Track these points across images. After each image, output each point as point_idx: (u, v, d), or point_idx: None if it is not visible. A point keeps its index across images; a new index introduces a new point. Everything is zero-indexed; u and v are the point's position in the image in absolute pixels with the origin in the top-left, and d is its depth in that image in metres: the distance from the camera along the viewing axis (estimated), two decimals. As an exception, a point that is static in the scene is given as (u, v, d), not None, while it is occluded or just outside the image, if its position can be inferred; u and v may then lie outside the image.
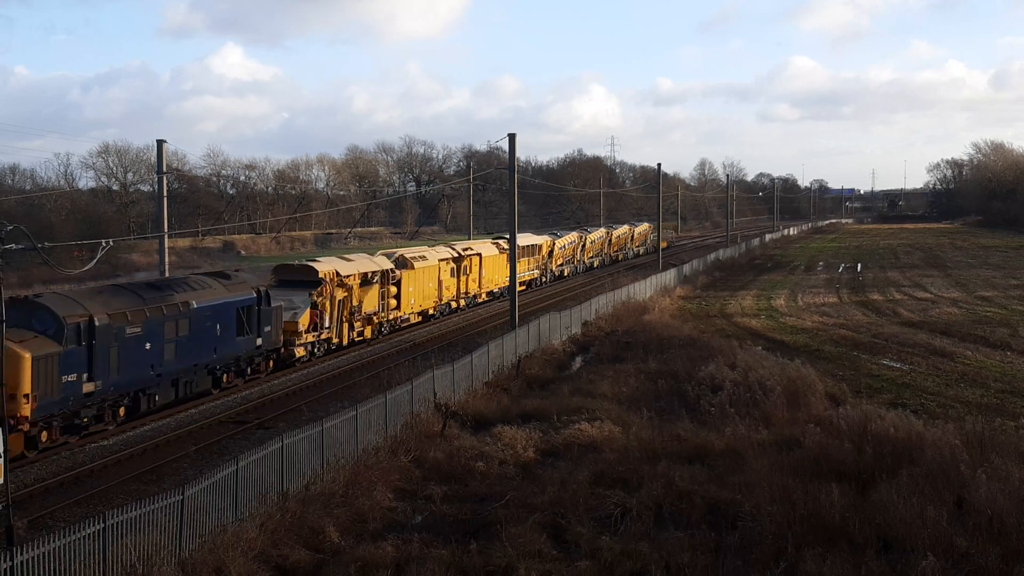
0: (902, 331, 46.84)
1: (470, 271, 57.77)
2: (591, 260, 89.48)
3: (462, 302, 56.96)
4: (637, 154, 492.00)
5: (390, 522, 19.47)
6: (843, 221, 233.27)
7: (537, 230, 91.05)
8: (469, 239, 72.47)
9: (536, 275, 71.60)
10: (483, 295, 60.78)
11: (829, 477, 20.32)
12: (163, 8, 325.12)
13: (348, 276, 42.02)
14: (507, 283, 48.95)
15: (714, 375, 31.52)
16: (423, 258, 51.74)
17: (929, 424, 24.57)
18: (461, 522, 19.27)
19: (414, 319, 50.49)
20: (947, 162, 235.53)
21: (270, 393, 33.95)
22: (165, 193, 40.45)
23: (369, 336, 44.82)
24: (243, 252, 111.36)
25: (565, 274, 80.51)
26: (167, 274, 38.62)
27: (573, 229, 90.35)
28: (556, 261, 77.86)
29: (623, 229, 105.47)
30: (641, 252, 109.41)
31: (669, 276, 70.65)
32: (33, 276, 70.98)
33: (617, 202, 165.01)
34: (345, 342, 42.45)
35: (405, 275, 48.35)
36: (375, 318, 45.07)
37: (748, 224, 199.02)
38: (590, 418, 26.82)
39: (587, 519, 18.95)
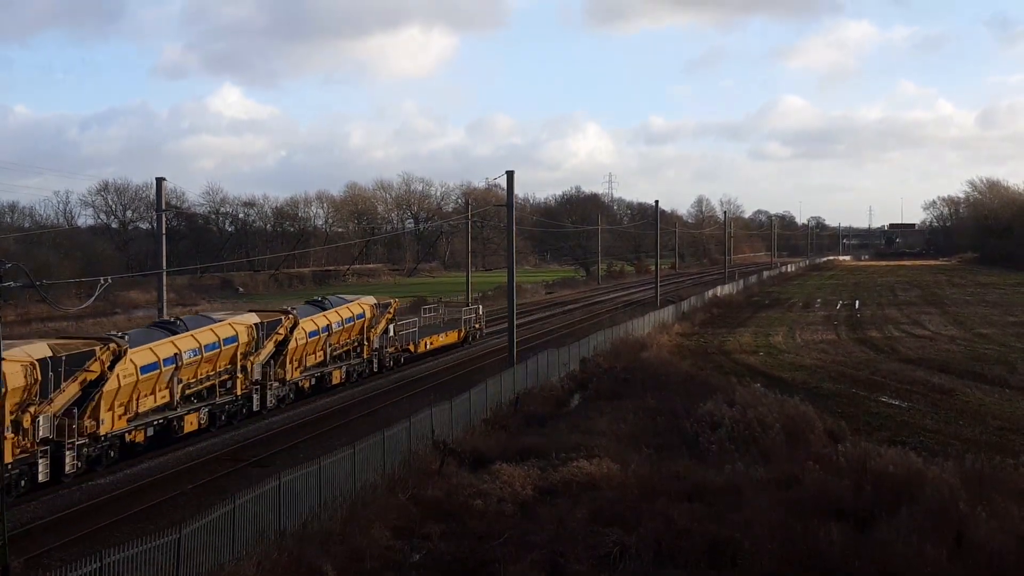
0: (901, 368, 46.82)
1: None
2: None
3: None
4: (633, 190, 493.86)
5: (388, 561, 19.34)
6: (841, 258, 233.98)
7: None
8: (467, 277, 72.26)
9: None
10: None
11: (828, 515, 20.26)
12: (158, 49, 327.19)
13: None
14: None
15: (713, 412, 31.42)
16: None
17: (928, 461, 24.50)
18: (459, 560, 19.14)
19: None
20: (943, 199, 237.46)
21: (267, 431, 33.83)
22: (164, 231, 40.56)
23: None
24: (241, 289, 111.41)
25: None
26: (165, 312, 38.60)
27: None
28: None
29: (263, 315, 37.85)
30: (357, 370, 43.93)
31: (667, 313, 70.69)
32: (31, 313, 71.06)
33: (615, 239, 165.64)
34: None
35: None
36: None
37: (746, 261, 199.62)
38: (588, 455, 26.69)
39: (586, 557, 18.83)
